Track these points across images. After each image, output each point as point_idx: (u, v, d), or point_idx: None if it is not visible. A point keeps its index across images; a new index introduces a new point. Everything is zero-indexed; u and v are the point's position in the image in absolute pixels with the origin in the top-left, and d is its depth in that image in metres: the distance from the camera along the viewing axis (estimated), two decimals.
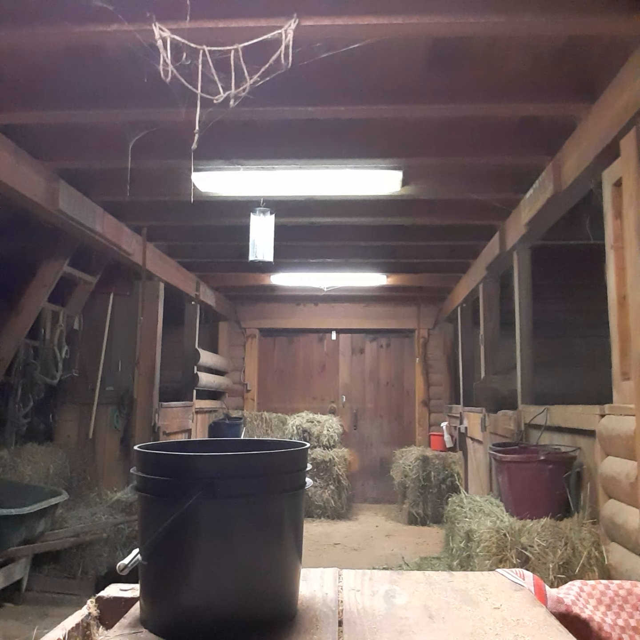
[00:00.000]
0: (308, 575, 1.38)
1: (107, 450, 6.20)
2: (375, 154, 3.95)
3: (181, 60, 2.36)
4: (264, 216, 4.51)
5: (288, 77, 2.50)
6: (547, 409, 3.90)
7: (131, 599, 1.24)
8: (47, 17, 2.49)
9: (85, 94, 3.25)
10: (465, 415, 6.98)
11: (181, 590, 1.08)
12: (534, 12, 2.47)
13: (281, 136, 3.81)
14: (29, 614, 4.08)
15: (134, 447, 1.22)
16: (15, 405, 5.33)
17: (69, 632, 1.09)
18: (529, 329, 4.72)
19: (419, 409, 8.99)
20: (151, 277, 6.07)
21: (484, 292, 6.08)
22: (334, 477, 7.62)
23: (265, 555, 1.12)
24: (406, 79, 3.13)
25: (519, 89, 3.14)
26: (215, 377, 8.30)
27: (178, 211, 5.24)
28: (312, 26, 2.47)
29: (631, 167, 2.69)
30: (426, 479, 7.34)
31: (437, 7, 2.49)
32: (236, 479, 1.10)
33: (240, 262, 6.08)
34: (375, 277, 7.47)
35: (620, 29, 2.55)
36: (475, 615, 1.17)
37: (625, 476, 2.64)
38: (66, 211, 4.26)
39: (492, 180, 4.52)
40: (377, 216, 5.23)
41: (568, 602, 1.31)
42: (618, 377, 2.89)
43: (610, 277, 2.97)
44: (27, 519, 4.12)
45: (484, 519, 3.51)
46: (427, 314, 9.01)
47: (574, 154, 3.45)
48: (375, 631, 1.09)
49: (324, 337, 9.42)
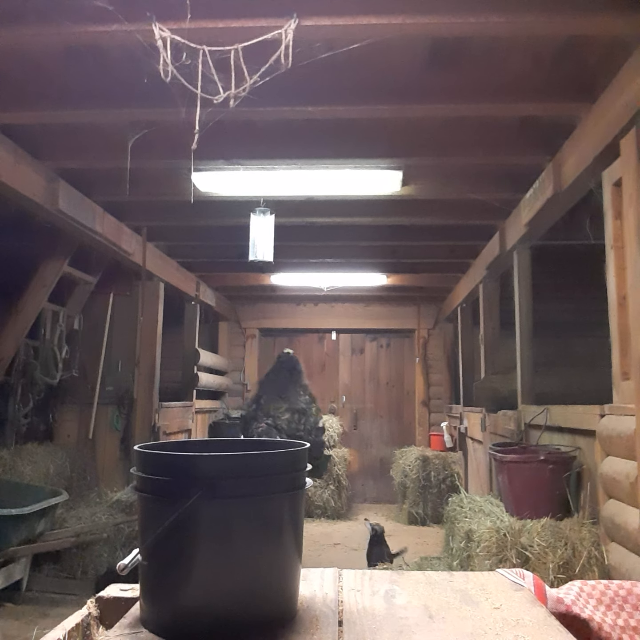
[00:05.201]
0: (308, 575, 1.38)
1: (107, 450, 6.20)
2: (375, 154, 3.95)
3: (181, 60, 2.36)
4: (264, 216, 4.51)
5: (288, 77, 2.50)
6: (547, 409, 3.90)
7: (131, 599, 1.24)
8: (47, 17, 2.49)
9: (86, 94, 3.25)
10: (465, 415, 6.98)
11: (181, 590, 1.08)
12: (534, 12, 2.47)
13: (281, 136, 3.81)
14: (29, 614, 4.08)
15: (134, 447, 1.22)
16: (15, 405, 5.33)
17: (69, 632, 1.09)
18: (529, 329, 4.72)
19: (419, 409, 8.99)
20: (151, 277, 6.07)
21: (484, 292, 6.08)
22: (334, 477, 7.61)
23: (265, 556, 1.12)
24: (406, 79, 3.13)
25: (519, 89, 3.14)
26: (215, 377, 8.30)
27: (178, 211, 5.24)
28: (312, 26, 2.47)
29: (631, 167, 2.69)
30: (426, 479, 7.33)
31: (437, 7, 2.49)
32: (236, 479, 1.10)
33: (240, 262, 6.07)
34: (375, 277, 7.47)
35: (620, 29, 2.55)
36: (475, 615, 1.17)
37: (625, 476, 2.64)
38: (66, 211, 4.26)
39: (492, 180, 4.52)
40: (377, 216, 5.23)
41: (568, 602, 1.31)
42: (618, 377, 2.89)
43: (610, 277, 2.97)
44: (27, 519, 4.12)
45: (484, 519, 3.51)
46: (427, 314, 9.01)
47: (574, 154, 3.45)
48: (375, 631, 1.09)
49: (324, 337, 9.42)
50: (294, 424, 5.04)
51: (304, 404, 5.13)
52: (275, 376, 5.33)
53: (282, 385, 5.23)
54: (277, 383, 5.30)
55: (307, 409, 5.12)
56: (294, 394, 5.17)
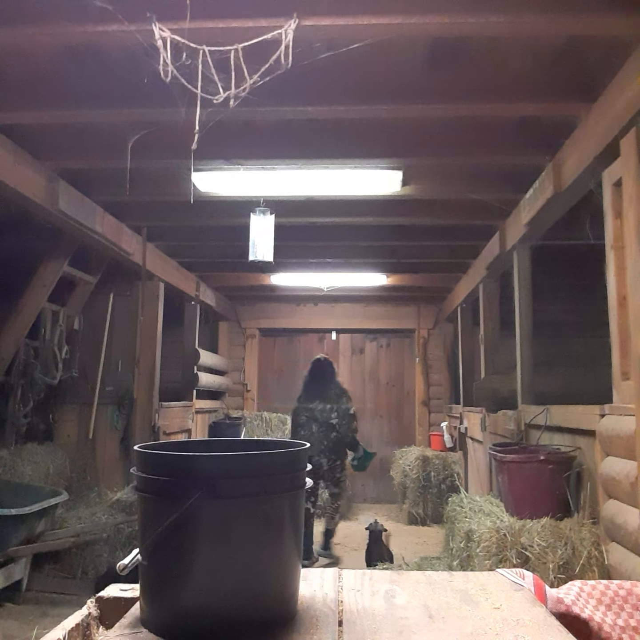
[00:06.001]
0: (308, 575, 1.38)
1: (107, 450, 6.20)
2: (375, 154, 3.95)
3: (181, 60, 2.36)
4: (264, 216, 4.51)
5: (288, 77, 2.50)
6: (547, 409, 3.90)
7: (131, 599, 1.24)
8: (47, 17, 2.49)
9: (86, 94, 3.24)
10: (465, 415, 6.98)
11: (181, 590, 1.08)
12: (534, 12, 2.47)
13: (281, 136, 3.81)
14: (29, 614, 4.08)
15: (134, 447, 1.22)
16: (15, 405, 5.33)
17: (69, 632, 1.09)
18: (529, 329, 4.72)
19: (419, 409, 8.99)
20: (151, 277, 6.07)
21: (484, 292, 6.08)
22: None
23: (265, 555, 1.12)
24: (406, 79, 3.13)
25: (519, 89, 3.14)
26: (215, 377, 8.30)
27: (178, 211, 5.24)
28: (312, 26, 2.47)
29: (631, 167, 2.69)
30: (426, 479, 7.33)
31: (437, 7, 2.49)
32: (236, 479, 1.10)
33: (240, 262, 6.08)
34: (375, 277, 7.47)
35: (620, 29, 2.55)
36: (475, 615, 1.17)
37: (625, 476, 2.64)
38: (66, 211, 4.26)
39: (492, 180, 4.52)
40: (377, 216, 5.23)
41: (568, 602, 1.31)
42: (618, 377, 2.89)
43: (610, 277, 2.97)
44: (27, 519, 4.12)
45: (484, 519, 3.51)
46: (427, 314, 9.01)
47: (574, 154, 3.45)
48: (375, 631, 1.09)
49: (324, 337, 9.42)
50: (326, 413, 5.88)
51: (335, 397, 6.00)
52: (311, 376, 6.24)
53: (317, 384, 6.11)
54: (313, 382, 6.16)
55: (338, 400, 5.97)
56: (327, 390, 6.03)
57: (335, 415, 5.83)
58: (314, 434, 5.76)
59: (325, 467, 5.75)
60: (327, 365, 6.30)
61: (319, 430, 5.79)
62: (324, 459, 5.74)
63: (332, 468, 5.79)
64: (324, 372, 6.21)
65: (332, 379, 6.20)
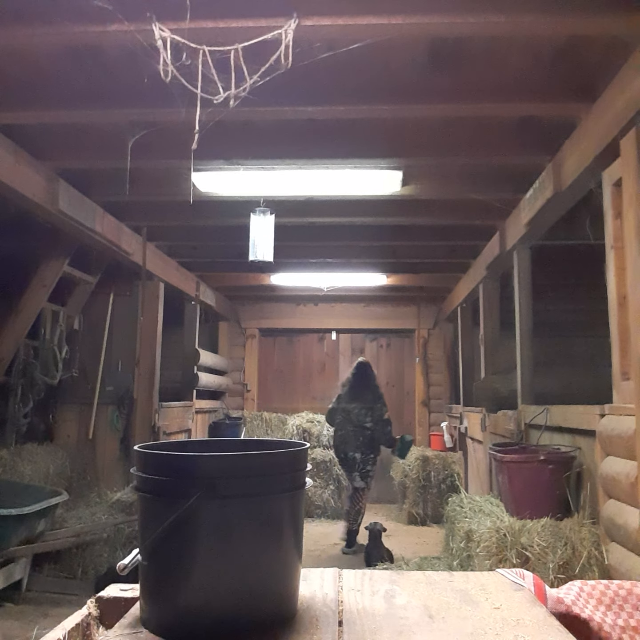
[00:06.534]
0: (308, 575, 1.38)
1: (107, 450, 6.20)
2: (375, 154, 3.95)
3: (181, 60, 2.36)
4: (264, 216, 4.51)
5: (288, 77, 2.50)
6: (547, 409, 3.90)
7: (131, 599, 1.24)
8: (47, 17, 2.49)
9: (86, 94, 3.24)
10: (465, 415, 6.98)
11: (181, 590, 1.08)
12: (534, 12, 2.47)
13: (281, 136, 3.81)
14: (29, 614, 4.08)
15: (134, 447, 1.22)
16: (15, 405, 5.33)
17: (69, 632, 1.09)
18: (529, 329, 4.72)
19: (419, 409, 8.99)
20: (151, 277, 6.07)
21: (484, 292, 6.08)
22: (334, 477, 7.62)
23: (265, 555, 1.12)
24: (406, 79, 3.13)
25: (519, 89, 3.14)
26: (215, 377, 8.30)
27: (178, 211, 5.24)
28: (312, 26, 2.47)
29: (631, 167, 2.68)
30: (426, 479, 7.33)
31: (437, 7, 2.49)
32: (236, 479, 1.10)
33: (240, 262, 6.07)
34: (375, 277, 7.47)
35: (620, 29, 2.55)
36: (475, 615, 1.17)
37: (625, 476, 2.64)
38: (66, 211, 4.26)
39: (492, 180, 4.52)
40: (377, 216, 5.23)
41: (568, 602, 1.31)
42: (618, 377, 2.88)
43: (610, 277, 2.97)
44: (27, 519, 4.12)
45: (484, 519, 3.51)
46: (427, 314, 9.01)
47: (574, 154, 3.45)
48: (375, 631, 1.09)
49: (324, 337, 9.42)
50: (361, 417, 6.13)
51: (371, 402, 6.23)
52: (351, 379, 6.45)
53: (356, 387, 6.33)
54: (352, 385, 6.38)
55: (374, 406, 6.21)
56: (364, 394, 6.25)
57: (370, 419, 6.10)
58: (349, 432, 6.09)
59: (359, 460, 6.03)
60: (367, 367, 6.52)
61: (354, 430, 6.08)
62: (357, 454, 6.04)
63: (364, 460, 6.05)
64: (367, 376, 6.43)
65: (372, 382, 6.43)
